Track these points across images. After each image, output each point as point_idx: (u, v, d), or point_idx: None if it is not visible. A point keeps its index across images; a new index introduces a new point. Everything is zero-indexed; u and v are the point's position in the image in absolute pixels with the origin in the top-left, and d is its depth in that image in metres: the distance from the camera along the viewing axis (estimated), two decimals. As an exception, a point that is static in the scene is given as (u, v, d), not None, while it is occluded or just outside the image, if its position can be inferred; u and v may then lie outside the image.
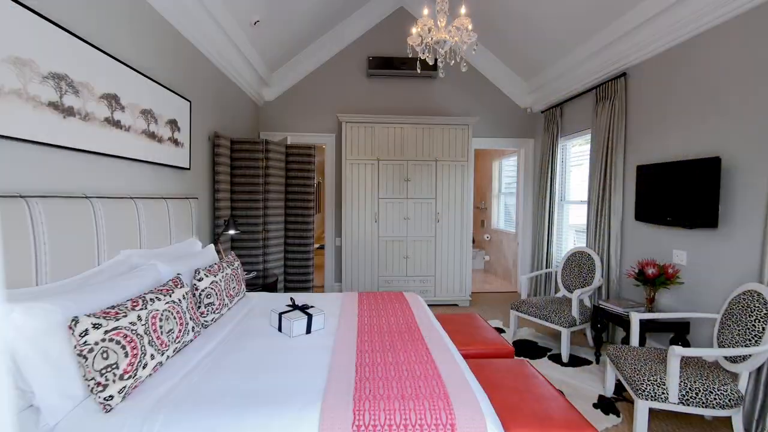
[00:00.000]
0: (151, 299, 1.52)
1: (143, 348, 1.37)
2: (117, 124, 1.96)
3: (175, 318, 1.61)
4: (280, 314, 1.92)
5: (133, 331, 1.35)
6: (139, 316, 1.40)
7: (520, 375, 1.79)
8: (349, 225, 4.48)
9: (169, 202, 2.42)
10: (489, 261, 6.95)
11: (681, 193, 2.70)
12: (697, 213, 2.57)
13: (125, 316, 1.35)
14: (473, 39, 2.57)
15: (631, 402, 2.50)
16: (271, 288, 3.40)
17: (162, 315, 1.53)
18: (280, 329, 1.93)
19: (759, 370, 2.11)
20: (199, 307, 1.96)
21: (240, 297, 2.43)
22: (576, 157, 4.41)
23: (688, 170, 2.65)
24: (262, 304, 2.46)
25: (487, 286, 5.85)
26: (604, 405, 2.45)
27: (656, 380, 2.01)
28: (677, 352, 1.92)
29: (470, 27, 2.52)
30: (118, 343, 1.28)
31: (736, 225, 2.41)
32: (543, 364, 3.04)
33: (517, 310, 3.48)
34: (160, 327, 1.50)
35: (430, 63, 2.65)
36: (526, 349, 3.35)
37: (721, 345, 2.19)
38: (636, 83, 3.28)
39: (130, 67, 2.08)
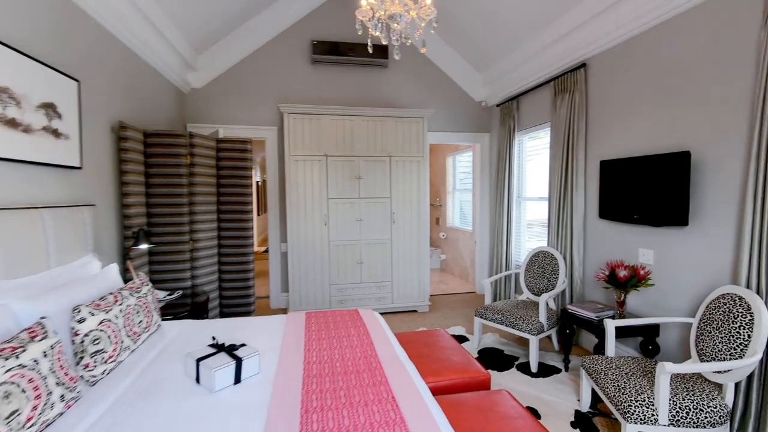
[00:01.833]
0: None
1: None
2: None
3: (25, 391, 1.08)
4: (199, 360, 1.44)
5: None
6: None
7: (505, 418, 1.47)
8: (295, 229, 3.98)
9: (46, 213, 1.82)
10: (445, 260, 6.76)
11: (649, 190, 2.57)
12: (667, 210, 2.44)
13: None
14: (432, 15, 2.22)
15: (608, 416, 2.32)
16: (201, 309, 2.84)
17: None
18: (198, 380, 1.45)
19: (747, 379, 1.99)
20: (81, 359, 1.42)
21: (151, 332, 1.90)
22: (534, 153, 4.27)
23: (656, 165, 2.52)
24: (182, 338, 1.94)
25: (444, 286, 5.63)
26: (583, 423, 2.24)
27: (644, 400, 1.80)
28: (668, 369, 1.72)
29: (429, 1, 2.17)
30: None
31: (706, 223, 2.30)
32: (512, 377, 2.80)
33: (482, 318, 3.23)
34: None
35: (384, 42, 2.27)
36: (493, 359, 3.11)
37: (701, 353, 2.05)
38: (597, 74, 3.14)
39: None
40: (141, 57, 3.10)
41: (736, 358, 1.84)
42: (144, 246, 2.41)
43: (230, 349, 1.50)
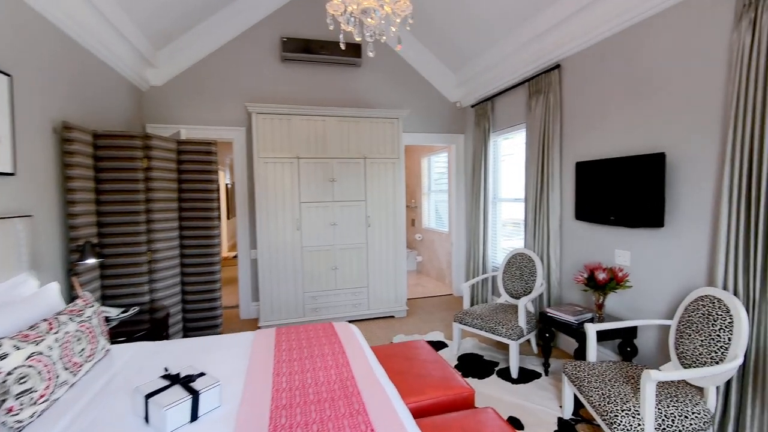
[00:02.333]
0: None
1: None
2: None
3: None
4: (148, 397, 1.25)
5: None
6: None
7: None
8: (265, 235, 3.78)
9: (-33, 227, 1.57)
10: (421, 262, 6.69)
11: (625, 191, 2.56)
12: (642, 212, 2.43)
13: None
14: (408, 11, 2.10)
15: (591, 422, 2.28)
16: (161, 326, 2.61)
17: None
18: (147, 420, 1.26)
19: (727, 383, 1.98)
20: (2, 402, 1.20)
21: (97, 359, 1.68)
22: (509, 154, 4.25)
23: (631, 167, 2.51)
24: (135, 365, 1.73)
25: (421, 289, 5.55)
26: (566, 431, 2.19)
27: (629, 409, 1.75)
28: (653, 377, 1.67)
29: (405, -6, 2.05)
30: None
31: (682, 224, 2.30)
32: (493, 385, 2.73)
33: (461, 323, 3.15)
34: None
35: (357, 38, 2.13)
36: (473, 365, 3.03)
37: (681, 356, 2.03)
38: (571, 76, 3.13)
39: None
40: (89, 50, 2.83)
41: (717, 362, 1.83)
42: (92, 260, 2.16)
43: (186, 381, 1.32)
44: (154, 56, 3.76)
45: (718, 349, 1.84)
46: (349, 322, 4.10)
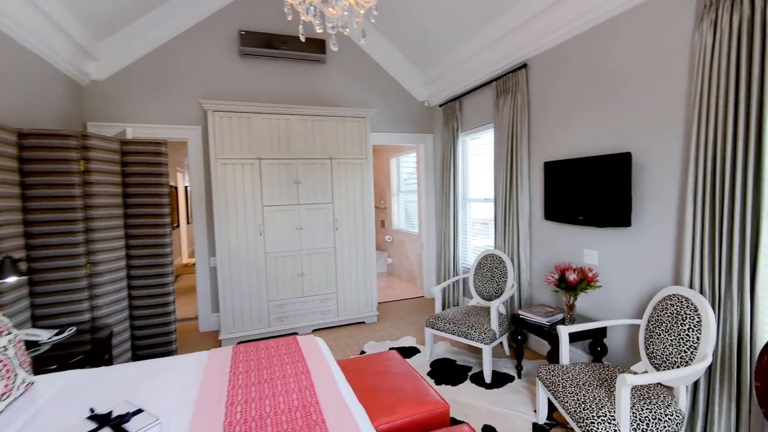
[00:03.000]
0: None
1: None
2: None
3: None
4: (69, 445, 1.05)
5: None
6: None
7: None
8: (224, 241, 3.53)
9: None
10: (392, 264, 6.59)
11: (592, 191, 2.56)
12: (610, 211, 2.43)
13: None
14: (373, 2, 1.97)
15: (565, 425, 2.25)
16: (103, 348, 2.33)
17: None
18: (69, 473, 1.06)
19: (695, 381, 1.99)
20: None
21: (13, 398, 1.43)
22: (477, 154, 4.22)
23: (598, 167, 2.51)
24: (62, 399, 1.49)
25: (392, 292, 5.44)
26: (542, 438, 2.14)
27: (605, 415, 1.71)
28: (629, 382, 1.63)
29: (368, -16, 1.92)
30: None
31: (648, 223, 2.31)
32: (467, 391, 2.66)
33: (433, 328, 3.06)
34: None
35: (318, 30, 1.97)
36: (446, 370, 2.95)
37: (650, 356, 2.03)
38: (538, 75, 3.11)
39: None
40: (14, 40, 2.50)
41: (687, 361, 1.83)
42: (12, 279, 1.87)
43: (118, 423, 1.13)
44: (94, 48, 3.41)
45: (687, 348, 1.84)
46: (318, 330, 3.92)
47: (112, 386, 1.60)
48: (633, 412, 1.71)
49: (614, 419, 1.69)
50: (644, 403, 1.76)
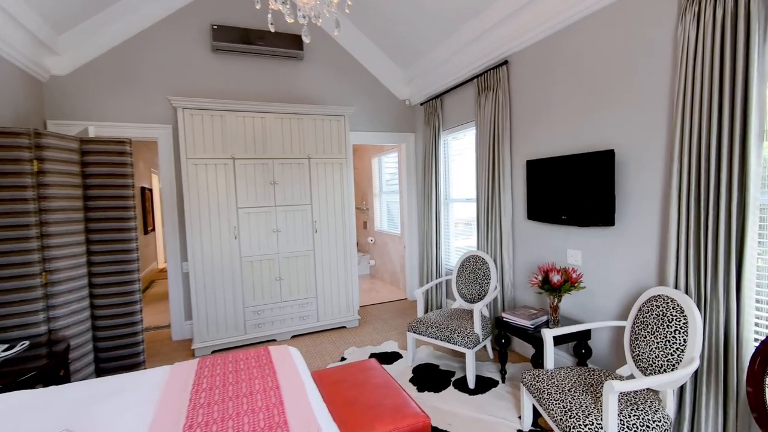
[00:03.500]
0: None
1: None
2: None
3: None
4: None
5: None
6: None
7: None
8: (197, 245, 3.36)
9: None
10: (375, 266, 6.48)
11: (575, 190, 2.50)
12: (593, 210, 2.38)
13: None
14: (346, -9, 1.86)
15: (550, 431, 2.18)
16: (59, 361, 2.15)
17: None
18: None
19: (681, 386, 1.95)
20: None
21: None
22: (460, 154, 4.15)
23: (581, 165, 2.46)
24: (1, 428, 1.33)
25: (375, 294, 5.33)
26: (527, 447, 2.06)
27: (592, 424, 1.64)
28: (616, 388, 1.57)
29: (341, -28, 1.81)
30: None
31: (632, 222, 2.27)
32: (450, 398, 2.57)
33: (415, 332, 2.97)
34: None
35: (289, 20, 1.85)
36: (429, 376, 2.86)
37: (636, 359, 1.97)
38: (519, 72, 3.06)
39: None
40: (-45, 28, 2.29)
41: (674, 365, 1.77)
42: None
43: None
44: (54, 41, 3.20)
45: (674, 351, 1.78)
46: (298, 336, 3.78)
47: (58, 410, 1.44)
48: (620, 420, 1.64)
49: (601, 427, 1.62)
50: (632, 409, 1.69)
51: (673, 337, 1.80)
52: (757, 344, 1.81)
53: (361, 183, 6.79)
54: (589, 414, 1.68)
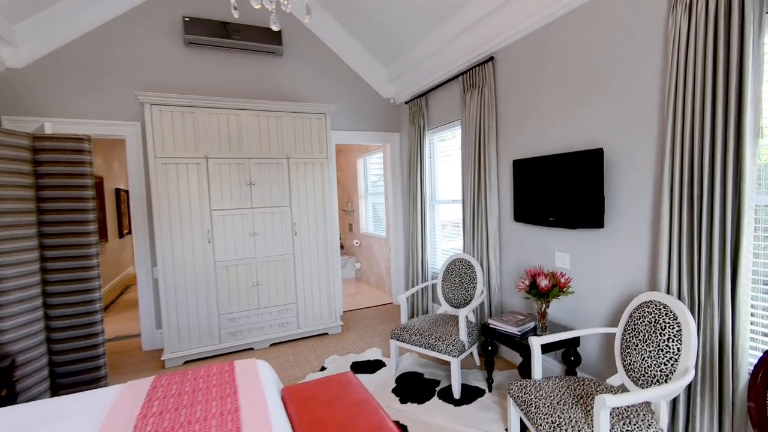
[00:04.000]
0: None
1: None
2: None
3: None
4: None
5: None
6: None
7: None
8: (168, 249, 3.16)
9: None
10: (360, 269, 6.33)
11: (563, 191, 2.40)
12: (582, 212, 2.28)
13: None
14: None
15: (539, 446, 2.06)
16: (3, 378, 1.94)
17: None
18: None
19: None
20: None
21: None
22: (447, 155, 4.03)
23: (569, 164, 2.36)
24: None
25: (360, 299, 5.18)
26: (514, 464, 1.94)
27: (584, 441, 1.52)
28: (608, 403, 1.45)
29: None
30: None
31: (622, 224, 2.17)
32: (434, 409, 2.43)
33: (398, 340, 2.83)
34: None
35: (255, 5, 1.70)
36: (413, 385, 2.72)
37: (628, 368, 1.87)
38: (505, 68, 2.95)
39: None
40: None
41: (668, 375, 1.67)
42: None
43: None
44: (9, 31, 2.97)
45: (667, 361, 1.68)
46: (277, 344, 3.60)
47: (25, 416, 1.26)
48: (613, 436, 1.53)
49: (593, 445, 1.50)
50: (624, 424, 1.58)
51: (667, 345, 1.69)
52: (757, 352, 1.73)
53: (347, 184, 6.64)
54: (579, 430, 1.57)
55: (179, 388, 1.52)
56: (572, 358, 2.34)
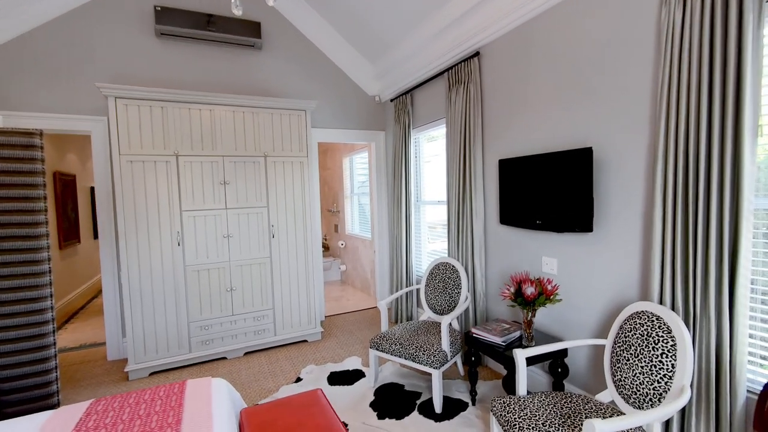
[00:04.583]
0: None
1: None
2: None
3: None
4: None
5: None
6: None
7: None
8: (133, 253, 2.96)
9: None
10: (346, 271, 6.16)
11: (551, 192, 2.27)
12: (570, 215, 2.15)
13: None
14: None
15: (523, 467, 1.91)
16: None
17: None
18: None
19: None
20: None
21: None
22: (431, 152, 3.89)
23: (556, 164, 2.23)
24: None
25: (345, 303, 5.01)
26: (496, 488, 1.79)
27: (570, 469, 1.38)
28: (597, 429, 1.31)
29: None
30: None
31: (612, 228, 2.04)
32: (413, 425, 2.28)
33: (377, 350, 2.67)
34: None
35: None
36: (392, 398, 2.56)
37: (618, 384, 1.73)
38: (491, 64, 2.82)
39: None
40: None
41: (661, 393, 1.54)
42: None
43: None
44: (-41, 16, 2.75)
45: (661, 378, 1.55)
46: (252, 353, 3.42)
47: None
48: (602, 463, 1.38)
49: (581, 474, 1.36)
50: (614, 449, 1.44)
51: (660, 361, 1.56)
52: (755, 367, 1.60)
53: (333, 184, 6.46)
54: (566, 456, 1.42)
55: (116, 416, 1.34)
56: (560, 370, 2.20)
